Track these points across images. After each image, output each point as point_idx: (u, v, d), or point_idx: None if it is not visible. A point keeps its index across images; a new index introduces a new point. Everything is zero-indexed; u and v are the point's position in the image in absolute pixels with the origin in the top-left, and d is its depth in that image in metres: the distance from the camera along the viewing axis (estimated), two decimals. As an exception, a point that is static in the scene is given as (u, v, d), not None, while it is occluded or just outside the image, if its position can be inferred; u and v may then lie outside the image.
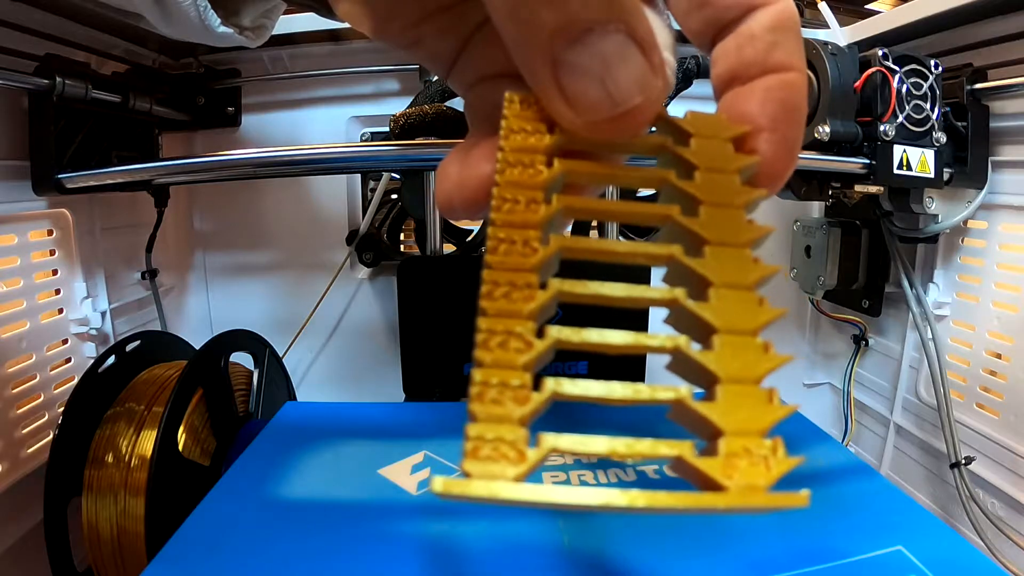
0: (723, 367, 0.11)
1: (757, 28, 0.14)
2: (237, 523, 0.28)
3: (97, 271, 0.57)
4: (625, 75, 0.12)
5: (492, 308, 0.11)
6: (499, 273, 0.12)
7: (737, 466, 0.11)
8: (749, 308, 0.12)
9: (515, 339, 0.11)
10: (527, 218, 0.12)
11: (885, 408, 0.65)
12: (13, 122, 0.47)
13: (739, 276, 0.12)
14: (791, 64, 0.14)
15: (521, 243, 0.12)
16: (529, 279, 0.12)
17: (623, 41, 0.12)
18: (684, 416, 0.12)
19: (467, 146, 0.16)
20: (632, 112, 0.12)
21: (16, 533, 0.46)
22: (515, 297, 0.11)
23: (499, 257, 0.12)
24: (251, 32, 0.34)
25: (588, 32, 0.12)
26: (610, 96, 0.12)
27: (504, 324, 0.11)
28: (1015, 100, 0.50)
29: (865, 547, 0.26)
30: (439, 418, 0.40)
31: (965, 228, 0.55)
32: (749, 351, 0.12)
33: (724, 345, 0.12)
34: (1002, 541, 0.49)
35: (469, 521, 0.28)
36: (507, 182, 0.13)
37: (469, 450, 0.10)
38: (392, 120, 0.48)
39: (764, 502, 0.11)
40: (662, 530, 0.28)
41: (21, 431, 0.47)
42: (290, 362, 0.70)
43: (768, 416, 0.11)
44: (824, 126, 0.49)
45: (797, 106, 0.14)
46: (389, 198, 0.71)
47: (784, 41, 0.14)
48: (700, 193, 0.13)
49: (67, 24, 0.50)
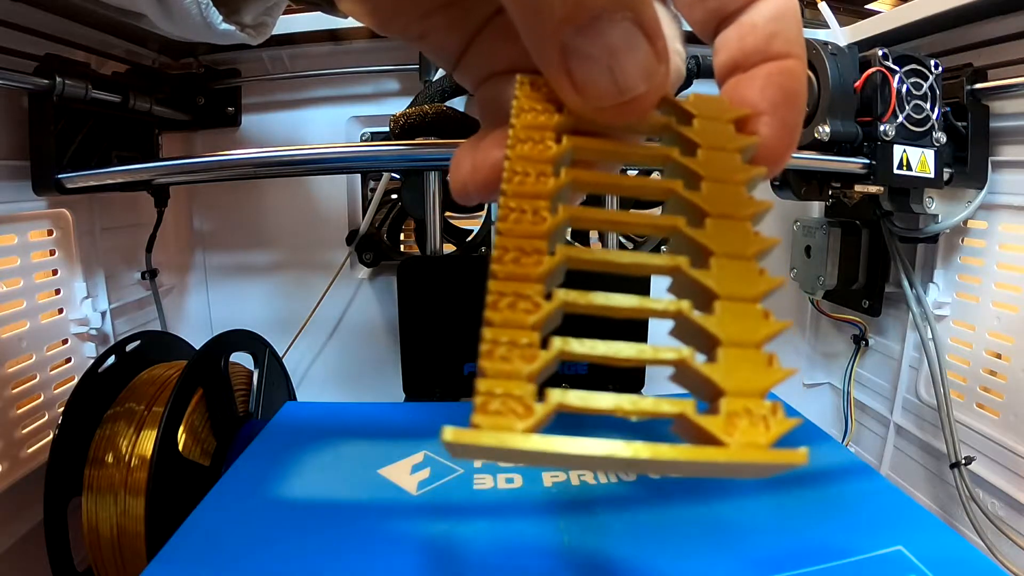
0: (724, 330, 0.12)
1: (759, 18, 0.14)
2: (237, 523, 0.28)
3: (97, 271, 0.57)
4: (631, 63, 0.13)
5: (502, 272, 0.12)
6: (509, 239, 0.12)
7: (738, 425, 0.11)
8: (750, 277, 0.12)
9: (524, 301, 0.11)
10: (537, 189, 0.13)
11: (885, 408, 0.65)
12: (13, 122, 0.47)
13: (740, 247, 0.13)
14: (790, 52, 0.14)
15: (531, 212, 0.12)
16: (538, 245, 0.12)
17: (630, 28, 0.12)
18: (686, 377, 0.12)
19: (478, 137, 0.16)
20: (637, 99, 0.13)
21: (16, 533, 0.46)
22: (524, 262, 0.12)
23: (509, 224, 0.12)
24: (252, 30, 0.34)
25: (596, 19, 0.12)
26: (616, 84, 0.13)
27: (514, 287, 0.11)
28: (1015, 100, 0.50)
29: (865, 547, 0.26)
30: (439, 418, 0.40)
31: (965, 228, 0.55)
32: (750, 317, 0.12)
33: (725, 310, 0.12)
34: (1002, 541, 0.49)
35: (469, 521, 0.28)
36: (518, 156, 0.13)
37: (479, 404, 0.11)
38: (392, 120, 0.48)
39: (764, 458, 0.11)
40: (662, 530, 0.28)
41: (21, 431, 0.47)
42: (290, 362, 0.70)
43: (768, 378, 0.11)
44: (824, 126, 0.49)
45: (796, 91, 0.14)
46: (389, 198, 0.71)
47: (784, 30, 0.14)
48: (702, 169, 0.13)
49: (67, 24, 0.50)
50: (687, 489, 0.31)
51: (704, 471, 0.11)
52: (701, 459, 0.11)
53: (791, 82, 0.14)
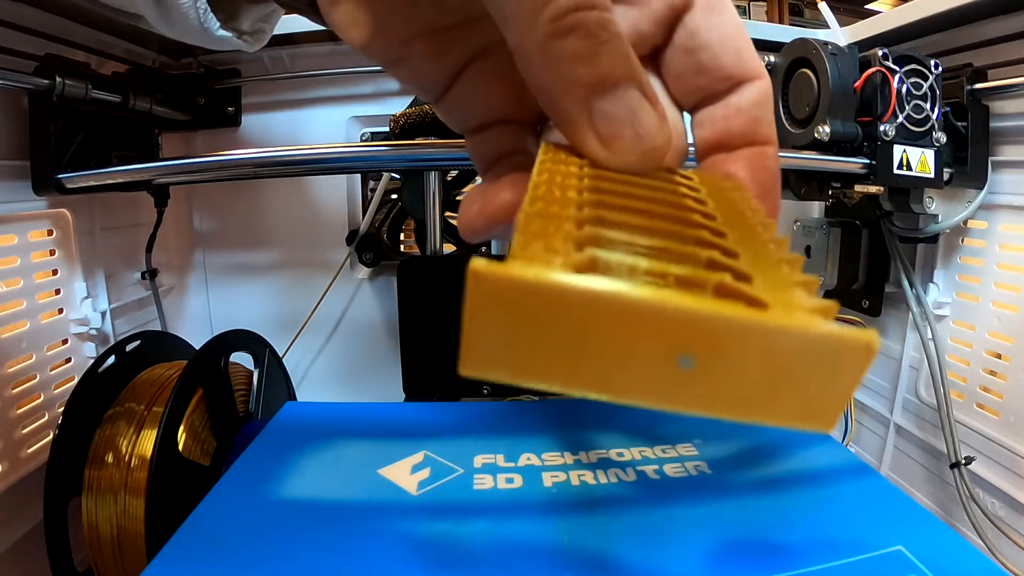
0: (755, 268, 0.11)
1: (744, 103, 0.16)
2: (237, 523, 0.28)
3: (97, 271, 0.57)
4: (647, 120, 0.15)
5: (533, 209, 0.11)
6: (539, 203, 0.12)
7: (779, 290, 0.10)
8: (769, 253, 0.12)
9: (558, 222, 0.11)
10: (564, 199, 0.13)
11: (885, 408, 0.65)
12: (13, 122, 0.47)
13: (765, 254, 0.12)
14: (770, 138, 0.17)
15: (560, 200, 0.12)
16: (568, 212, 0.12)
17: (639, 95, 0.15)
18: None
19: (483, 186, 0.17)
20: (656, 149, 0.15)
21: (16, 533, 0.46)
22: (555, 209, 0.12)
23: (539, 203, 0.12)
24: (250, 36, 0.34)
25: (615, 87, 0.14)
26: (639, 136, 0.15)
27: (548, 213, 0.11)
28: (1015, 100, 0.50)
29: (865, 547, 0.26)
30: (439, 418, 0.40)
31: (965, 228, 0.55)
32: (776, 267, 0.11)
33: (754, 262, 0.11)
34: (1002, 541, 0.49)
35: (469, 521, 0.28)
36: (542, 183, 0.13)
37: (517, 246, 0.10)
38: (392, 120, 0.48)
39: (814, 326, 0.09)
40: (662, 530, 0.28)
41: (21, 431, 0.47)
42: (290, 362, 0.70)
43: (793, 278, 0.11)
44: (824, 126, 0.49)
45: (778, 175, 0.17)
46: (389, 198, 0.71)
47: (766, 116, 0.16)
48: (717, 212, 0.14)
49: (67, 24, 0.50)
50: (687, 489, 0.31)
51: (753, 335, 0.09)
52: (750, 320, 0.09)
53: (774, 165, 0.16)
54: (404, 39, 0.16)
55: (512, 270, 0.09)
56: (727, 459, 0.34)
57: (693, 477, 0.32)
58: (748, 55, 0.16)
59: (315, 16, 0.19)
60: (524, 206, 0.12)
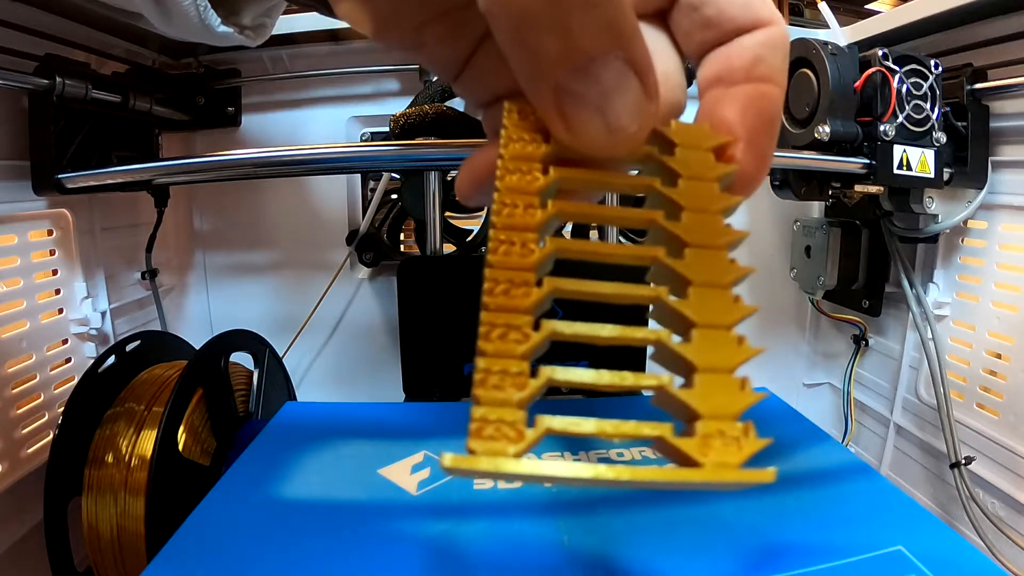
0: (700, 357, 0.13)
1: (748, 41, 0.15)
2: (237, 523, 0.28)
3: (97, 271, 0.57)
4: (622, 105, 0.13)
5: (493, 303, 0.12)
6: (499, 271, 0.13)
7: (712, 445, 0.12)
8: (725, 305, 0.13)
9: (514, 331, 0.12)
10: (525, 221, 0.13)
11: (885, 408, 0.65)
12: (13, 122, 0.47)
13: (717, 276, 0.14)
14: (772, 76, 0.15)
15: (520, 244, 0.13)
16: (527, 277, 0.13)
17: (622, 69, 0.13)
18: (666, 401, 0.13)
19: (480, 149, 0.17)
20: (628, 139, 0.13)
21: (16, 533, 0.46)
22: (514, 293, 0.13)
23: (499, 257, 0.13)
24: (251, 31, 0.34)
25: (589, 62, 0.13)
26: (607, 126, 0.13)
27: (504, 318, 0.12)
28: (1015, 100, 0.50)
29: (865, 547, 0.26)
30: (439, 418, 0.40)
31: (965, 228, 0.55)
32: (724, 343, 0.13)
33: (702, 338, 0.13)
34: (1002, 541, 0.49)
35: (469, 521, 0.28)
36: (507, 188, 0.14)
37: (474, 430, 0.11)
38: (392, 120, 0.48)
39: (735, 477, 0.12)
40: (662, 530, 0.28)
41: (21, 431, 0.47)
42: (290, 362, 0.70)
43: (741, 401, 0.12)
44: (824, 126, 0.49)
45: (773, 119, 0.15)
46: (389, 198, 0.71)
47: (770, 56, 0.15)
48: (682, 199, 0.14)
49: (67, 24, 0.50)
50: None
51: (682, 488, 0.12)
52: (677, 479, 0.12)
53: (769, 107, 0.15)
54: (417, 26, 0.16)
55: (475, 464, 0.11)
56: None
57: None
58: (757, 2, 0.15)
59: (324, 9, 0.18)
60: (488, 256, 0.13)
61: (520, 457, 0.11)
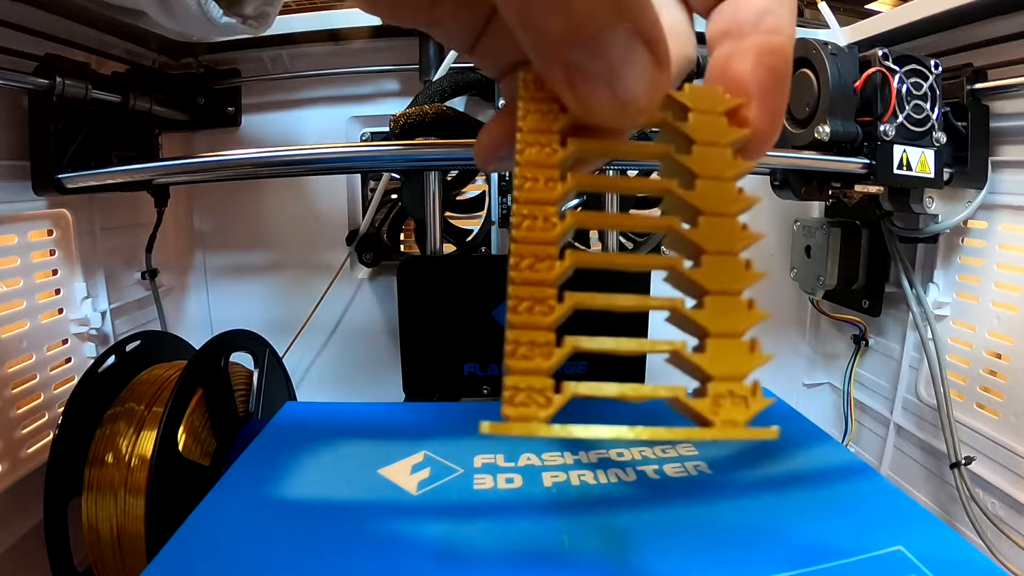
0: (712, 322, 0.14)
1: None
2: (237, 523, 0.28)
3: (97, 271, 0.57)
4: (631, 77, 0.13)
5: (519, 278, 0.13)
6: (524, 246, 0.13)
7: (722, 404, 0.13)
8: (736, 271, 0.14)
9: (540, 304, 0.13)
10: (547, 195, 0.14)
11: (885, 408, 0.65)
12: (13, 122, 0.47)
13: (728, 243, 0.14)
14: (781, 28, 0.15)
15: (542, 219, 0.14)
16: (550, 251, 0.13)
17: (630, 40, 0.13)
18: (681, 363, 0.14)
19: (497, 115, 0.17)
20: (639, 111, 0.13)
21: (16, 533, 0.46)
22: (539, 267, 0.13)
23: (523, 232, 0.14)
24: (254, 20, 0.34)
25: (596, 35, 0.12)
26: (617, 98, 0.13)
27: (530, 291, 0.13)
28: (1015, 100, 0.50)
29: (865, 547, 0.26)
30: (439, 418, 0.40)
31: (965, 228, 0.55)
32: (735, 309, 0.14)
33: (713, 304, 0.14)
34: (1002, 541, 0.49)
35: (469, 521, 0.28)
36: (527, 162, 0.14)
37: (507, 398, 0.13)
38: (392, 120, 0.48)
39: (742, 434, 0.13)
40: (662, 530, 0.28)
41: (21, 431, 0.47)
42: (290, 362, 0.70)
43: (750, 363, 0.14)
44: (824, 126, 0.49)
45: (784, 73, 0.15)
46: (389, 198, 0.71)
47: (778, 8, 0.15)
48: (696, 166, 0.15)
49: (67, 24, 0.50)
50: (687, 489, 0.31)
51: (693, 440, 0.13)
52: (690, 437, 0.13)
53: (779, 62, 0.15)
54: (430, 2, 0.16)
55: (510, 429, 0.13)
56: (727, 459, 0.34)
57: (693, 477, 0.32)
58: None
59: None
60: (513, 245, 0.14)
61: (549, 421, 0.12)
